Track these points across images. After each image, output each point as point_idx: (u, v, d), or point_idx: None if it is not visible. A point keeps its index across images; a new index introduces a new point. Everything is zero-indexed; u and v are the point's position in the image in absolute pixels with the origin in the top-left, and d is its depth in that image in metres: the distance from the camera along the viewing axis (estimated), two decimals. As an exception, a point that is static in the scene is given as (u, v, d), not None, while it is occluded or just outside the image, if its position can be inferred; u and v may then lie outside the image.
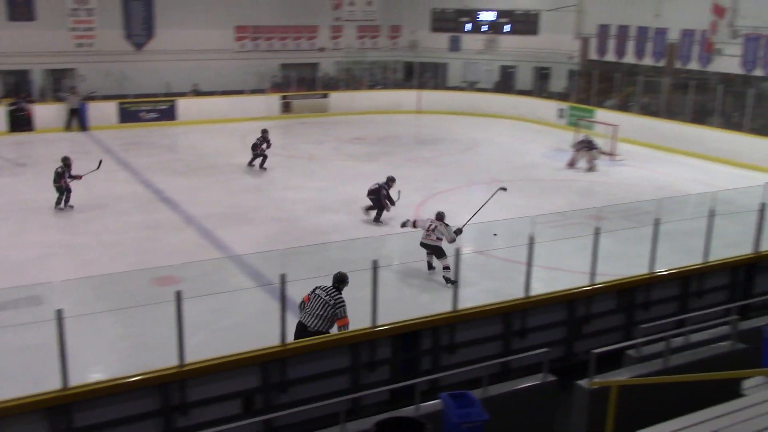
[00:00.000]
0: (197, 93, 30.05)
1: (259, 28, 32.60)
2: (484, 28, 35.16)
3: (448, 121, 31.15)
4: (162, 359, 8.14)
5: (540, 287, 11.11)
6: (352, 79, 34.24)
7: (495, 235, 14.60)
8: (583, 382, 7.77)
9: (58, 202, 17.13)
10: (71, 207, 17.20)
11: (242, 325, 11.17)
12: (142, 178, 20.42)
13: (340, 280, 9.82)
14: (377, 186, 16.78)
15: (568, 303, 10.80)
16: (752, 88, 24.68)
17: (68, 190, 17.14)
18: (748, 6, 26.09)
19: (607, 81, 29.47)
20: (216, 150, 24.11)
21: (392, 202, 16.65)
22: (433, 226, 13.10)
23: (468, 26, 35.38)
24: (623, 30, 30.57)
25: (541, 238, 10.77)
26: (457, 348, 9.99)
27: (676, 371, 7.93)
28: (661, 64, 29.09)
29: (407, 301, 12.11)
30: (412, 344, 9.74)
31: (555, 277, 12.42)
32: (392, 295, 11.91)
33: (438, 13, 35.74)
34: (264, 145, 21.37)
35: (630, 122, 26.42)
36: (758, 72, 25.60)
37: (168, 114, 28.72)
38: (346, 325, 9.49)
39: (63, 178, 17.02)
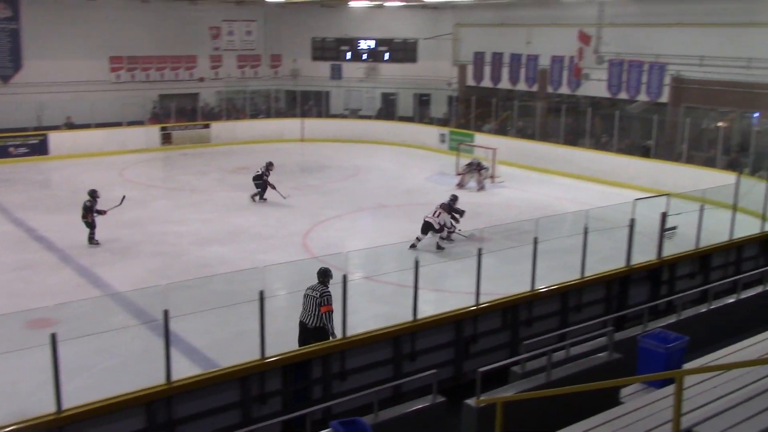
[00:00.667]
0: (70, 126, 28.90)
1: (135, 58, 31.80)
2: (365, 56, 35.70)
3: (332, 148, 31.31)
4: (38, 406, 7.72)
5: (428, 309, 11.28)
6: (233, 108, 33.89)
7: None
8: (470, 401, 7.91)
9: (91, 239, 16.72)
10: (97, 243, 16.69)
11: (125, 365, 10.75)
12: (13, 216, 19.40)
13: (324, 274, 10.48)
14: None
15: (456, 324, 11.01)
16: (618, 110, 26.13)
17: (93, 226, 16.73)
18: (611, 33, 27.72)
19: (485, 106, 30.50)
20: (92, 185, 23.13)
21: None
22: (437, 212, 16.57)
23: (348, 55, 35.82)
24: (497, 57, 31.78)
25: (427, 261, 10.97)
26: (349, 374, 9.98)
27: (559, 384, 8.20)
28: (535, 89, 30.39)
29: (297, 330, 11.99)
30: (303, 374, 9.66)
31: (442, 299, 12.65)
32: (282, 325, 11.78)
33: (318, 42, 36.00)
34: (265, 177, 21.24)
35: (507, 145, 27.38)
36: (623, 95, 27.16)
37: (39, 148, 27.44)
38: (329, 312, 10.20)
39: (90, 213, 16.68)
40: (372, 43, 35.63)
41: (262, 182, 21.23)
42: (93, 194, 16.97)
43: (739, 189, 16.26)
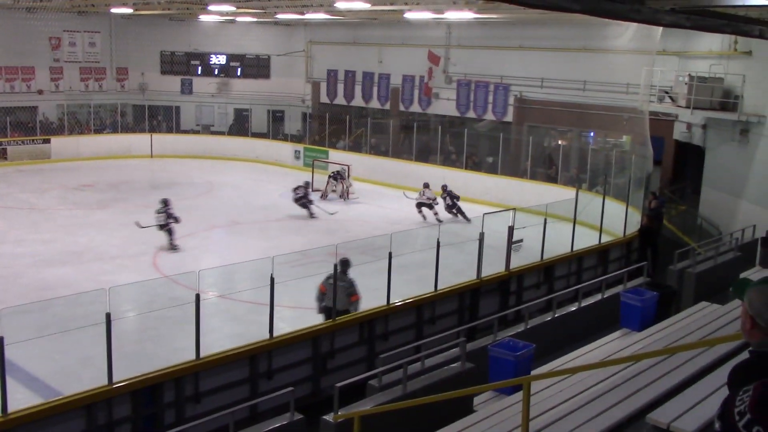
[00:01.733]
0: None
1: (-36, 68, 29.64)
2: (216, 71, 35.07)
3: (183, 165, 30.44)
4: None
5: (285, 327, 11.17)
6: (76, 123, 32.23)
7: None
8: (328, 417, 7.90)
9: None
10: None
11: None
12: None
13: (345, 263, 11.70)
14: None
15: (313, 340, 10.97)
16: (466, 128, 27.12)
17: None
18: (458, 54, 28.79)
19: (339, 123, 30.75)
20: None
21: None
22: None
23: (199, 69, 35.07)
24: (350, 75, 32.19)
25: (283, 277, 10.85)
26: (203, 397, 9.69)
27: (414, 395, 8.33)
28: (387, 107, 31.01)
29: (149, 353, 11.52)
30: (154, 398, 9.27)
31: (299, 316, 12.54)
32: (132, 348, 11.29)
33: (167, 55, 35.00)
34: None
35: (361, 162, 27.70)
36: (471, 114, 28.24)
37: None
38: (358, 301, 11.71)
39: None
40: (223, 59, 35.09)
41: (304, 200, 21.70)
42: (166, 202, 17.80)
43: (578, 204, 17.28)
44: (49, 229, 19.39)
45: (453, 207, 22.02)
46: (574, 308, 12.70)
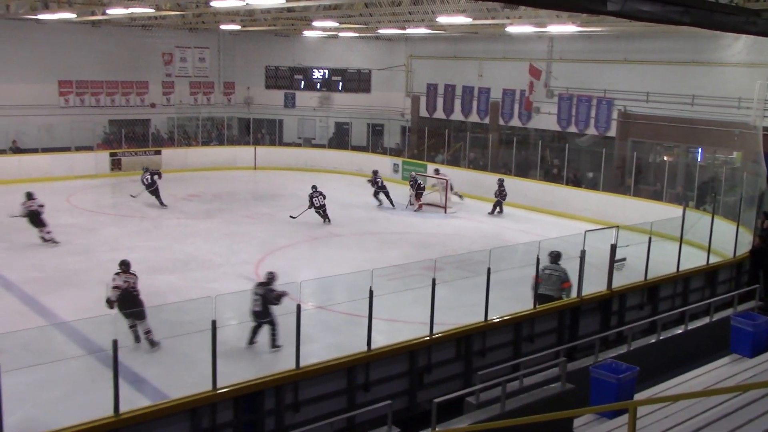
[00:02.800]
0: (16, 150, 28.25)
1: (85, 82, 31.34)
2: (318, 85, 35.81)
3: (285, 176, 31.17)
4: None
5: (382, 339, 11.23)
6: (185, 135, 33.57)
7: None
8: (426, 432, 7.88)
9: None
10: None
11: (71, 396, 10.43)
12: (-47, 242, 18.80)
13: (558, 256, 13.33)
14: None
15: (410, 354, 10.98)
16: (567, 143, 26.65)
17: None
18: (560, 68, 28.36)
19: (438, 137, 30.79)
20: (38, 210, 22.61)
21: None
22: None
23: (302, 83, 35.90)
24: (450, 89, 32.21)
25: (380, 290, 10.93)
26: (302, 406, 9.86)
27: (513, 415, 8.22)
28: (486, 121, 30.84)
29: (249, 360, 11.82)
30: (255, 405, 9.50)
31: (396, 329, 12.60)
32: (234, 355, 11.61)
33: (272, 70, 36.01)
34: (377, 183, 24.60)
35: (460, 176, 27.62)
36: (572, 129, 27.74)
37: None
38: (569, 287, 13.18)
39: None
40: (326, 73, 35.79)
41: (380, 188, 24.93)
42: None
43: (685, 222, 16.67)
44: (159, 237, 20.22)
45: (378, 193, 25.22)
46: (680, 331, 12.26)
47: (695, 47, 23.71)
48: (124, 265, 12.79)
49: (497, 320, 12.14)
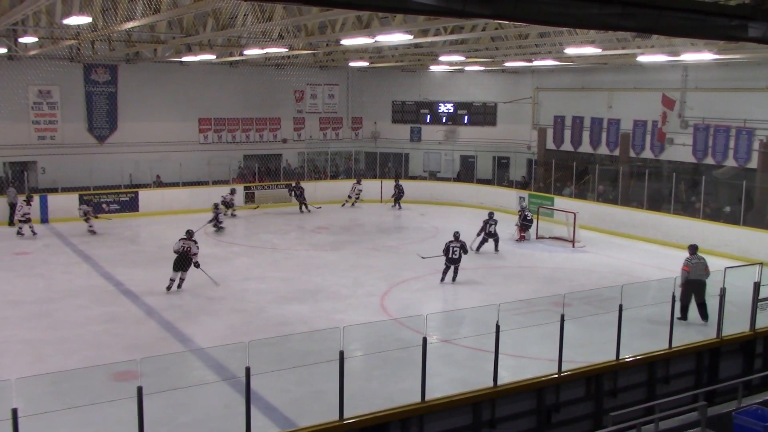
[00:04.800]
0: (159, 184, 30.02)
1: (222, 120, 33.00)
2: (444, 119, 36.05)
3: (411, 209, 31.44)
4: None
5: (507, 376, 11.04)
6: (314, 169, 34.59)
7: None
8: (555, 473, 7.64)
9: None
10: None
11: (205, 420, 10.83)
12: (102, 270, 20.08)
13: (695, 247, 15.69)
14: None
15: (537, 391, 10.74)
16: (703, 175, 25.47)
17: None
18: (695, 97, 27.25)
19: (565, 170, 30.21)
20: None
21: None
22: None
23: (428, 118, 36.27)
24: (578, 121, 31.62)
25: (506, 325, 10.77)
26: (427, 440, 9.80)
27: (649, 459, 7.85)
28: (616, 153, 30.00)
29: (374, 392, 11.90)
30: (381, 437, 9.54)
31: (522, 365, 12.34)
32: (359, 386, 11.71)
33: (398, 105, 36.61)
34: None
35: (588, 209, 26.94)
36: (709, 160, 26.51)
37: (130, 205, 28.54)
38: (709, 273, 14.98)
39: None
40: (451, 107, 36.00)
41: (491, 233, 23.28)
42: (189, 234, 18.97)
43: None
44: (288, 267, 20.81)
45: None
46: (834, 377, 11.35)
47: None
48: (188, 234, 18.07)
49: (630, 359, 11.67)
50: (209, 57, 25.07)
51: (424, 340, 9.79)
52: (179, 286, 17.89)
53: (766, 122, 24.58)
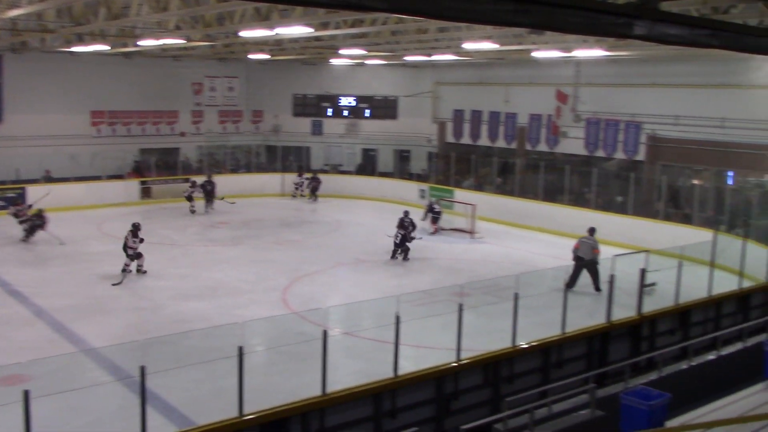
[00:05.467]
0: (49, 179, 28.76)
1: (116, 112, 31.90)
2: (345, 113, 36.07)
3: (312, 203, 31.36)
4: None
5: (409, 366, 11.17)
6: (214, 163, 33.95)
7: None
8: (453, 459, 7.79)
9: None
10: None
11: (99, 423, 10.48)
12: (-13, 270, 19.11)
13: (593, 230, 17.62)
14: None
15: (437, 380, 10.90)
16: (595, 167, 26.49)
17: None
18: (587, 92, 28.28)
19: (464, 162, 30.79)
20: (70, 238, 22.97)
21: None
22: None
23: (329, 111, 36.19)
24: (477, 114, 32.27)
25: (407, 316, 10.89)
26: (328, 433, 9.80)
27: (542, 442, 8.11)
28: (513, 146, 30.80)
29: (276, 387, 11.81)
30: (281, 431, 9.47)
31: (423, 355, 12.52)
32: (260, 381, 11.61)
33: (299, 98, 36.38)
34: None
35: (487, 201, 27.55)
36: (600, 153, 27.59)
37: (17, 202, 27.22)
38: (598, 254, 17.05)
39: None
40: (353, 100, 36.05)
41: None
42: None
43: (716, 246, 16.44)
44: (187, 264, 20.38)
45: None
46: (713, 357, 12.04)
47: (724, 70, 23.52)
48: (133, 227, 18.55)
49: (525, 346, 12.02)
50: (102, 48, 24.17)
51: (325, 333, 9.78)
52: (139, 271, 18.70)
53: (652, 116, 25.77)
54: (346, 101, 36.07)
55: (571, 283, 15.88)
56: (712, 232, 17.67)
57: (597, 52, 22.48)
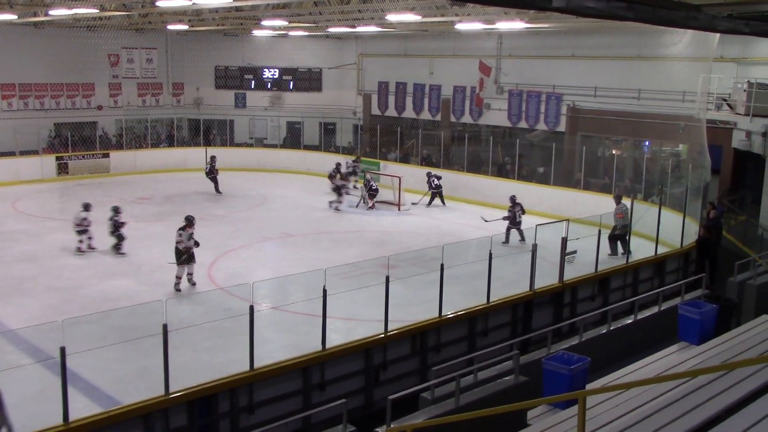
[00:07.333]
0: (-42, 156, 27.51)
1: (28, 85, 30.62)
2: (269, 85, 35.57)
3: (237, 177, 30.85)
4: None
5: (338, 338, 11.22)
6: (134, 137, 33.03)
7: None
8: (380, 429, 7.89)
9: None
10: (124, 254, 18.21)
11: (18, 406, 10.15)
12: None
13: (620, 196, 17.94)
14: None
15: (365, 352, 11.00)
16: (518, 138, 26.94)
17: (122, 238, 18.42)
18: (510, 65, 28.65)
19: (390, 135, 30.86)
20: (-18, 217, 22.06)
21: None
22: None
23: (252, 83, 35.63)
24: (401, 87, 32.32)
25: (334, 289, 10.91)
26: (257, 408, 9.79)
27: (467, 409, 8.28)
28: (438, 118, 31.01)
29: (203, 363, 11.69)
30: (209, 408, 9.40)
31: (352, 328, 12.59)
32: (186, 359, 11.46)
33: (221, 70, 35.65)
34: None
35: (413, 173, 27.71)
36: (523, 124, 28.05)
37: None
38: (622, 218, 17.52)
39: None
40: (276, 72, 35.58)
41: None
42: (116, 210, 18.45)
43: (633, 214, 16.97)
44: (109, 241, 19.83)
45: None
46: (630, 321, 12.49)
47: (640, 42, 24.13)
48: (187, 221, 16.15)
49: (451, 315, 12.22)
50: (9, 17, 23.11)
51: (251, 308, 9.72)
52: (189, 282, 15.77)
53: (572, 88, 26.32)
54: (269, 73, 35.57)
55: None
56: (630, 200, 18.10)
57: (518, 25, 22.74)
